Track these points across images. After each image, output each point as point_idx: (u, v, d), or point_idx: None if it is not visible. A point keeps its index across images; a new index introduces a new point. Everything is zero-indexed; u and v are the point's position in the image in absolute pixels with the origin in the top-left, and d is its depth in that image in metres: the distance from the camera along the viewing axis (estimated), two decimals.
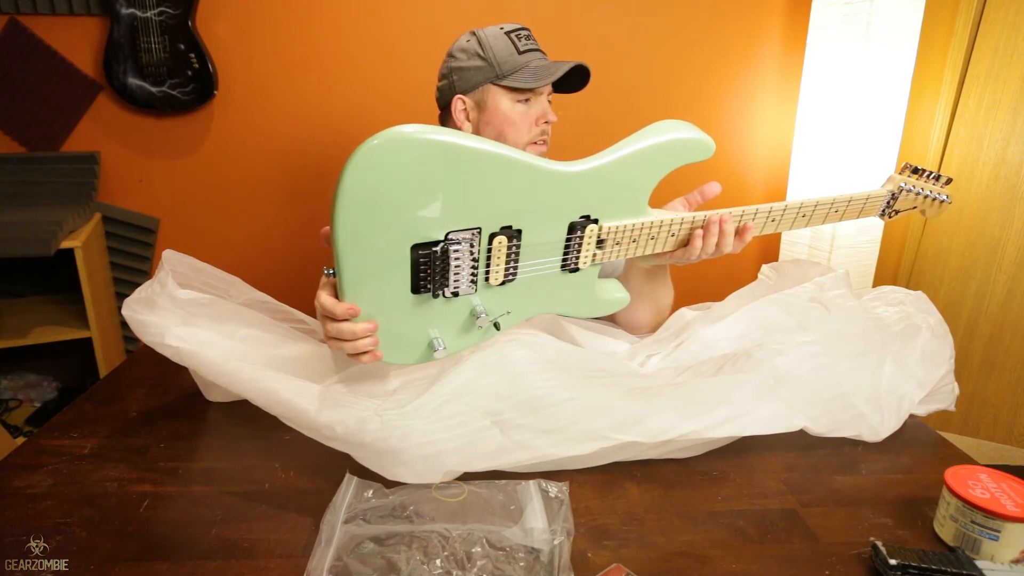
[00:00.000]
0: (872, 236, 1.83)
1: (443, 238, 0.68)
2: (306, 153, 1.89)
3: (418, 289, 0.70)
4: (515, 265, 0.74)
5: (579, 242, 0.76)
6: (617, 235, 0.77)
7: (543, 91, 1.05)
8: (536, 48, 1.04)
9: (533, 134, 1.04)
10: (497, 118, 1.03)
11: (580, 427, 0.70)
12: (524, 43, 1.03)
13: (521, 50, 1.02)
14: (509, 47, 1.01)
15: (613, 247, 0.78)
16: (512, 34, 1.03)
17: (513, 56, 1.01)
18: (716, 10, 1.87)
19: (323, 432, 0.68)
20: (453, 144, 0.65)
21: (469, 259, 0.70)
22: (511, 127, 1.03)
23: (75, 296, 1.69)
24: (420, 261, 0.68)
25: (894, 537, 0.64)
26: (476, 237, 0.70)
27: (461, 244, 0.69)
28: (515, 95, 1.02)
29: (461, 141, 0.65)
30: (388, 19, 1.80)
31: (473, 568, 0.56)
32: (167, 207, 1.90)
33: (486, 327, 0.75)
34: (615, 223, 0.77)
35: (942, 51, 1.85)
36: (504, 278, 0.74)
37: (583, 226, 0.75)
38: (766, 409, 0.75)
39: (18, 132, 1.78)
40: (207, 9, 1.73)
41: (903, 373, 0.82)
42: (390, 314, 0.70)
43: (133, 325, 0.77)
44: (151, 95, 1.73)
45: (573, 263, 0.77)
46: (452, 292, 0.71)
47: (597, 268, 0.80)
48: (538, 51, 1.04)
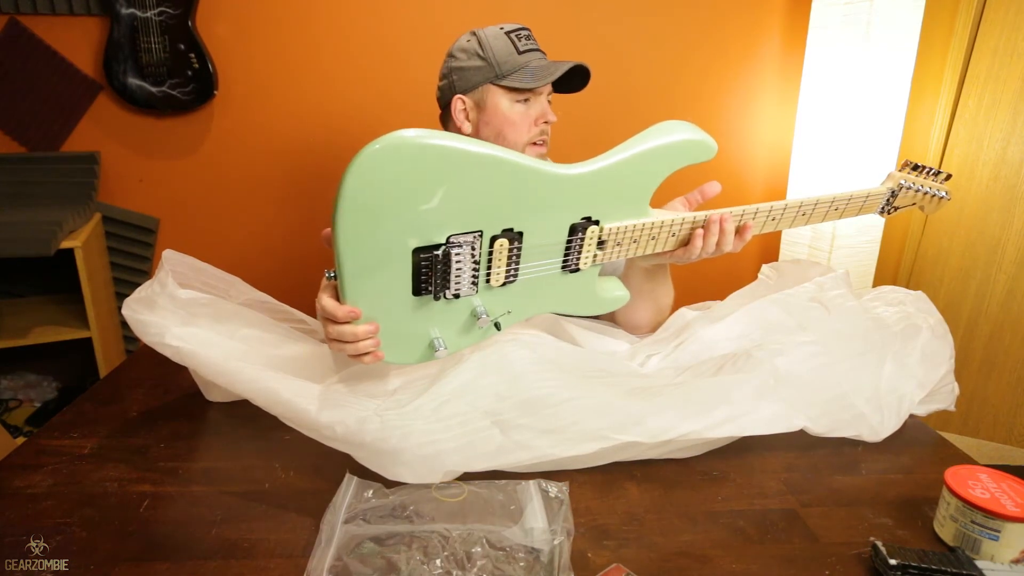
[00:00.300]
0: (872, 236, 1.83)
1: (444, 241, 0.68)
2: (306, 153, 1.89)
3: (419, 291, 0.70)
4: (516, 267, 0.74)
5: (580, 243, 0.76)
6: (618, 236, 0.77)
7: (543, 91, 1.05)
8: (536, 48, 1.04)
9: (532, 134, 1.04)
10: (497, 118, 1.03)
11: (580, 427, 0.70)
12: (524, 43, 1.03)
13: (521, 50, 1.02)
14: (509, 47, 1.01)
15: (614, 248, 0.78)
16: (512, 34, 1.02)
17: (513, 56, 1.01)
18: (716, 10, 1.87)
19: (323, 432, 0.68)
20: (454, 148, 0.65)
21: (470, 262, 0.70)
22: (510, 127, 1.03)
23: (75, 296, 1.69)
24: (421, 264, 0.68)
25: (894, 537, 0.64)
26: (477, 240, 0.70)
27: (462, 247, 0.69)
28: (515, 95, 1.02)
29: (462, 145, 0.65)
30: (388, 19, 1.80)
31: (473, 568, 0.56)
32: (167, 207, 1.90)
33: (486, 327, 0.75)
34: (616, 224, 0.76)
35: (942, 51, 1.85)
36: (505, 279, 0.74)
37: (584, 228, 0.75)
38: (766, 409, 0.75)
39: (18, 132, 1.78)
40: (207, 9, 1.73)
41: (903, 373, 0.82)
42: (391, 315, 0.70)
43: (133, 325, 0.77)
44: (151, 95, 1.73)
45: (574, 264, 0.77)
46: (453, 294, 0.71)
47: (598, 268, 0.80)
48: (538, 51, 1.04)
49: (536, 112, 1.04)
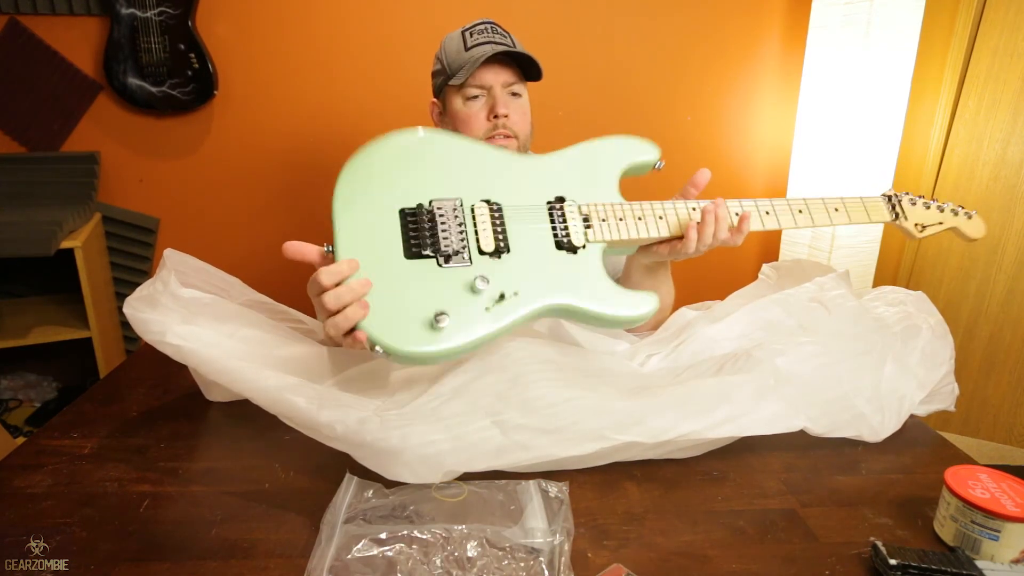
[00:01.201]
0: (872, 236, 1.83)
1: (427, 203, 0.75)
2: (306, 153, 1.89)
3: (411, 253, 0.72)
4: (503, 229, 0.76)
5: (562, 217, 0.78)
6: (599, 212, 0.80)
7: (493, 85, 1.02)
8: (487, 41, 1.00)
9: (486, 129, 1.03)
10: (455, 119, 1.05)
11: (580, 427, 0.70)
12: (474, 38, 1.00)
13: (468, 46, 1.00)
14: (459, 45, 1.00)
15: (600, 224, 0.79)
16: (468, 31, 1.01)
17: (460, 54, 1.00)
18: (716, 10, 1.87)
19: (323, 431, 0.68)
20: (432, 136, 0.80)
21: (455, 222, 0.75)
22: (464, 126, 1.03)
23: (75, 296, 1.69)
24: (409, 222, 0.74)
25: (894, 537, 0.64)
26: (459, 206, 0.76)
27: (444, 208, 0.75)
28: (463, 93, 1.01)
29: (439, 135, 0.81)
30: (389, 19, 1.80)
31: (473, 568, 0.56)
32: (167, 207, 1.90)
33: (492, 304, 0.71)
34: (591, 201, 0.81)
35: (942, 51, 1.85)
36: (496, 243, 0.74)
37: (560, 202, 0.80)
38: (766, 409, 0.75)
39: (18, 132, 1.78)
40: (207, 9, 1.73)
41: (904, 373, 0.82)
42: (389, 284, 0.70)
43: (134, 323, 0.77)
44: (151, 95, 1.73)
45: (564, 237, 0.77)
46: (444, 254, 0.72)
47: (599, 253, 0.78)
48: (489, 43, 1.00)
49: (488, 107, 1.02)
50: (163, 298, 0.79)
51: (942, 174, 1.90)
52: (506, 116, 1.02)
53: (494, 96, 1.02)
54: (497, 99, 1.02)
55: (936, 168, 1.91)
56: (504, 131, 1.03)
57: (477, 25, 1.02)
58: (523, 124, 1.06)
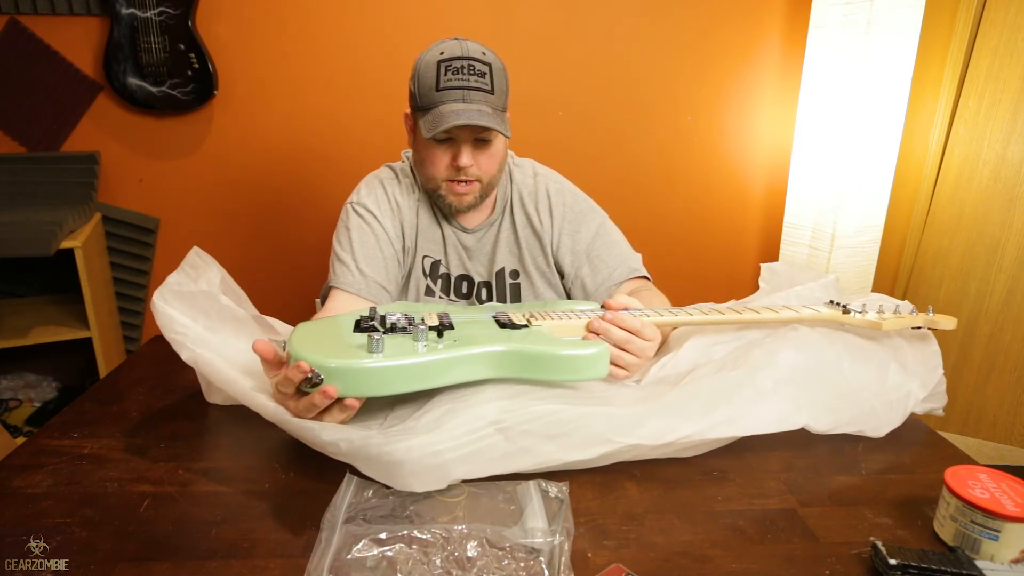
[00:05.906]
0: (872, 236, 1.83)
1: None
2: (306, 153, 1.89)
3: (359, 328, 0.77)
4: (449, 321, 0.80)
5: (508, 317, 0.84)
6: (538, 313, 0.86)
7: (458, 135, 0.97)
8: (460, 86, 0.94)
9: (448, 174, 1.00)
10: (419, 149, 1.02)
11: (583, 432, 0.70)
12: (447, 78, 0.94)
13: (441, 87, 0.94)
14: (432, 81, 0.95)
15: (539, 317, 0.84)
16: (444, 64, 0.94)
17: (431, 92, 0.95)
18: (716, 10, 1.88)
19: (328, 449, 0.68)
20: None
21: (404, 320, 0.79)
22: (428, 163, 1.01)
23: (75, 296, 1.70)
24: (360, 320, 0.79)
25: (894, 537, 0.64)
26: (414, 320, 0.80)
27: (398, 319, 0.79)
28: None
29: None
30: (389, 19, 1.80)
31: (473, 568, 0.56)
32: (167, 207, 1.90)
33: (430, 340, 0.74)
34: None
35: (942, 51, 1.85)
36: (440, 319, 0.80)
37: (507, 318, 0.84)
38: (767, 408, 0.75)
39: (18, 132, 1.78)
40: (207, 9, 1.74)
41: (905, 372, 0.82)
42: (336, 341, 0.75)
43: (159, 316, 0.76)
44: (151, 95, 1.73)
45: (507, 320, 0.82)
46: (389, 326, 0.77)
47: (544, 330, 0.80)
48: (461, 89, 0.94)
49: (452, 154, 0.98)
50: (199, 299, 0.79)
51: (942, 174, 1.90)
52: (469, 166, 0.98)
53: (458, 146, 0.98)
54: (461, 150, 0.97)
55: (936, 168, 1.91)
56: (465, 177, 1.00)
57: (454, 61, 0.95)
58: (489, 167, 1.01)
